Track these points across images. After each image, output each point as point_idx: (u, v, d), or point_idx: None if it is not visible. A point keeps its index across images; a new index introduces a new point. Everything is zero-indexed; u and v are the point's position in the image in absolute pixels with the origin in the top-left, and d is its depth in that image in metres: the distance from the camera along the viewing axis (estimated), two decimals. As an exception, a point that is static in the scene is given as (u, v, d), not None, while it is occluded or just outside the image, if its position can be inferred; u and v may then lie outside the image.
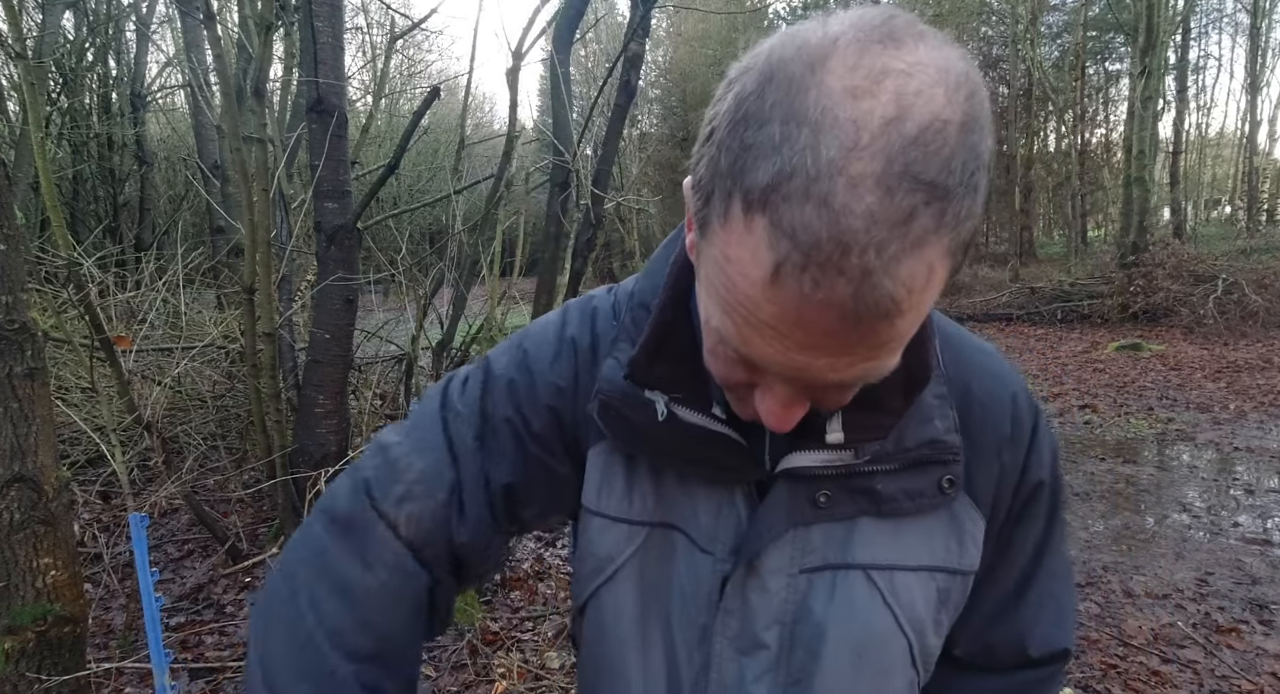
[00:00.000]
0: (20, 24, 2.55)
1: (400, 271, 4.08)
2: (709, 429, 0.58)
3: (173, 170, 10.24)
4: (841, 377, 0.45)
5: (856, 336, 0.41)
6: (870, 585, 0.60)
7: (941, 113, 0.38)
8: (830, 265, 0.38)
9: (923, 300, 0.42)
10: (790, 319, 0.41)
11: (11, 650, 1.63)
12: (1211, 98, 38.83)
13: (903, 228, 0.38)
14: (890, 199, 0.37)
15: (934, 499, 0.60)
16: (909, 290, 0.39)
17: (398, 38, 5.49)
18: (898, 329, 0.42)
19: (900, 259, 0.38)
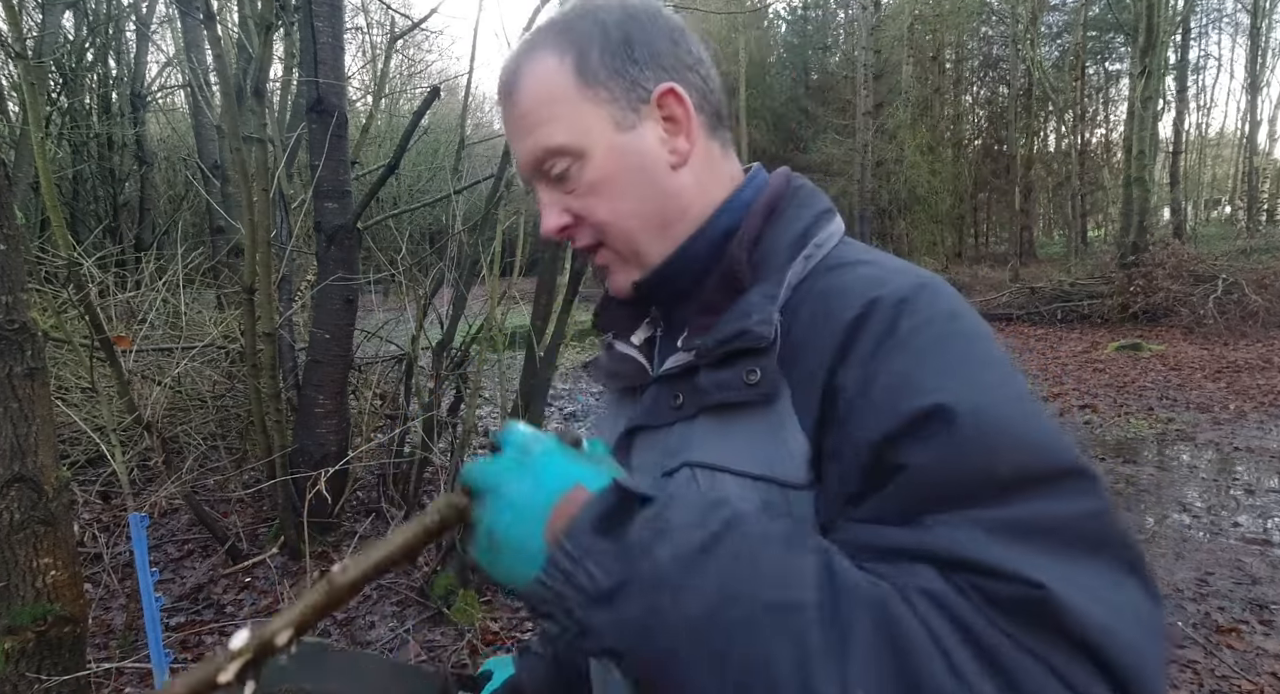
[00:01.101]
0: (20, 24, 2.55)
1: (400, 271, 4.07)
2: (623, 352, 0.74)
3: (173, 170, 10.24)
4: (523, 153, 0.67)
5: (509, 113, 0.67)
6: (692, 482, 0.62)
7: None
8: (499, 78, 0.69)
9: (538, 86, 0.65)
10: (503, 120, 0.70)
11: (11, 650, 1.63)
12: (1211, 98, 38.86)
13: (524, 46, 0.68)
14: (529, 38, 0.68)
15: (742, 392, 0.59)
16: (519, 75, 0.66)
17: (398, 38, 5.49)
18: (524, 103, 0.66)
19: (519, 62, 0.67)
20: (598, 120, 0.65)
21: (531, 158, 0.66)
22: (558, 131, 0.64)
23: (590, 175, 0.65)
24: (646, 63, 0.66)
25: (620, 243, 0.68)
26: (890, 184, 18.76)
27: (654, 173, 0.66)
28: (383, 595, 3.19)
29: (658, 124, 0.66)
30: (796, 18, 26.23)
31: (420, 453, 3.64)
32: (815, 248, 0.64)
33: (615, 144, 0.65)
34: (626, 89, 0.65)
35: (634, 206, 0.66)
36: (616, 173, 0.65)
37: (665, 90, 0.66)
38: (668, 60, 0.67)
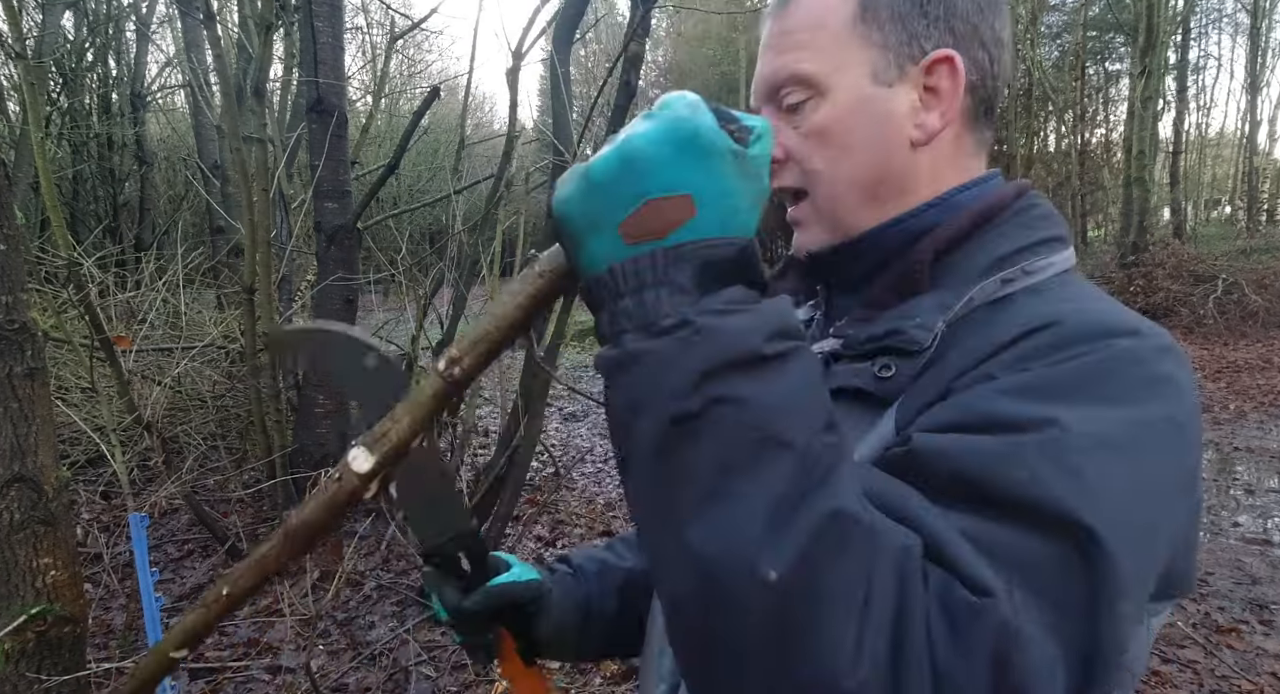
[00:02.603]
0: (20, 24, 2.55)
1: (400, 271, 4.08)
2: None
3: (173, 170, 10.24)
4: (765, 71, 0.61)
5: (774, 27, 0.61)
6: None
7: None
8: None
9: (815, 6, 0.59)
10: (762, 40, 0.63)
11: (11, 650, 1.63)
12: (1211, 98, 38.80)
13: None
14: None
15: (867, 382, 0.55)
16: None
17: (398, 38, 5.49)
18: (791, 20, 0.59)
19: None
20: (857, 63, 0.58)
21: (772, 78, 0.60)
22: (810, 59, 0.58)
23: (821, 118, 0.58)
24: (937, 20, 0.58)
25: (824, 200, 0.61)
26: (890, 184, 18.72)
27: (889, 140, 0.59)
28: (383, 595, 3.19)
29: (917, 90, 0.59)
30: (796, 18, 26.26)
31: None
32: (1022, 274, 0.56)
33: (862, 94, 0.58)
34: (903, 41, 0.58)
35: (852, 169, 0.59)
36: (849, 125, 0.58)
37: (942, 56, 0.58)
38: (962, 27, 0.59)
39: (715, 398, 0.40)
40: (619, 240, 0.43)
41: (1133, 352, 0.47)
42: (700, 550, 0.39)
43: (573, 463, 5.09)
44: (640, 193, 0.43)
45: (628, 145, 0.43)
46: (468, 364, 0.48)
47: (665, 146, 0.43)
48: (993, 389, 0.47)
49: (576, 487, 4.80)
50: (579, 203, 0.45)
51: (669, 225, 0.43)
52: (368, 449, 0.48)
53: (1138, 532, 0.43)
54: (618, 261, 0.43)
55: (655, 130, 0.43)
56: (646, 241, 0.43)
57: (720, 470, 0.39)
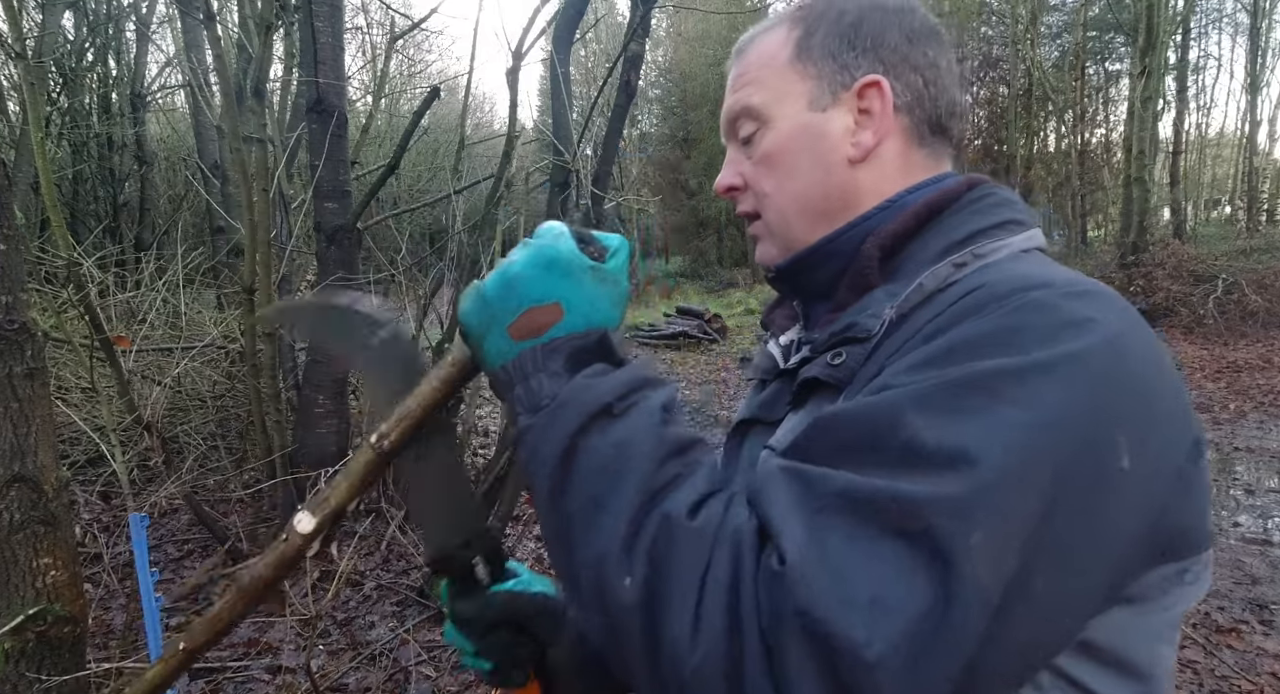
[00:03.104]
0: (20, 24, 2.55)
1: (400, 271, 4.07)
2: (767, 349, 0.75)
3: (173, 170, 10.24)
4: (729, 107, 0.69)
5: (734, 67, 0.70)
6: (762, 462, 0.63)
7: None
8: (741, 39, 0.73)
9: (761, 52, 0.68)
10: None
11: (11, 650, 1.63)
12: (1211, 98, 38.83)
13: (773, 18, 0.69)
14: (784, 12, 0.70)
15: (823, 371, 0.58)
16: (754, 44, 0.69)
17: (398, 38, 5.49)
18: (742, 66, 0.69)
19: (758, 32, 0.70)
20: (795, 94, 0.65)
21: (729, 114, 0.69)
22: (756, 93, 0.67)
23: (767, 145, 0.66)
24: (865, 51, 0.65)
25: (774, 218, 0.68)
26: (890, 184, 18.70)
27: (827, 160, 0.65)
28: (383, 595, 3.19)
29: (852, 113, 0.65)
30: (796, 18, 26.22)
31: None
32: (973, 257, 0.58)
33: (800, 121, 0.65)
34: (834, 70, 0.65)
35: (797, 188, 0.66)
36: (790, 150, 0.66)
37: (869, 82, 0.64)
38: (891, 55, 0.65)
39: (579, 448, 0.50)
40: (508, 339, 0.55)
41: (1042, 300, 0.48)
42: (585, 572, 0.48)
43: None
44: (519, 304, 0.54)
45: (508, 270, 0.56)
46: (394, 438, 0.57)
47: (534, 268, 0.55)
48: (909, 358, 0.49)
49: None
50: (475, 313, 0.57)
51: (543, 326, 0.54)
52: (310, 512, 0.56)
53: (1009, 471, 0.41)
54: (508, 358, 0.55)
55: (527, 256, 0.56)
56: (529, 339, 0.54)
57: (589, 504, 0.48)
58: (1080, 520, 0.43)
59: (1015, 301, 0.48)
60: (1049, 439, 0.43)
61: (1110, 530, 0.44)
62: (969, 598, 0.39)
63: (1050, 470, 0.42)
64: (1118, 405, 0.45)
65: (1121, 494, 0.44)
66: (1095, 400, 0.44)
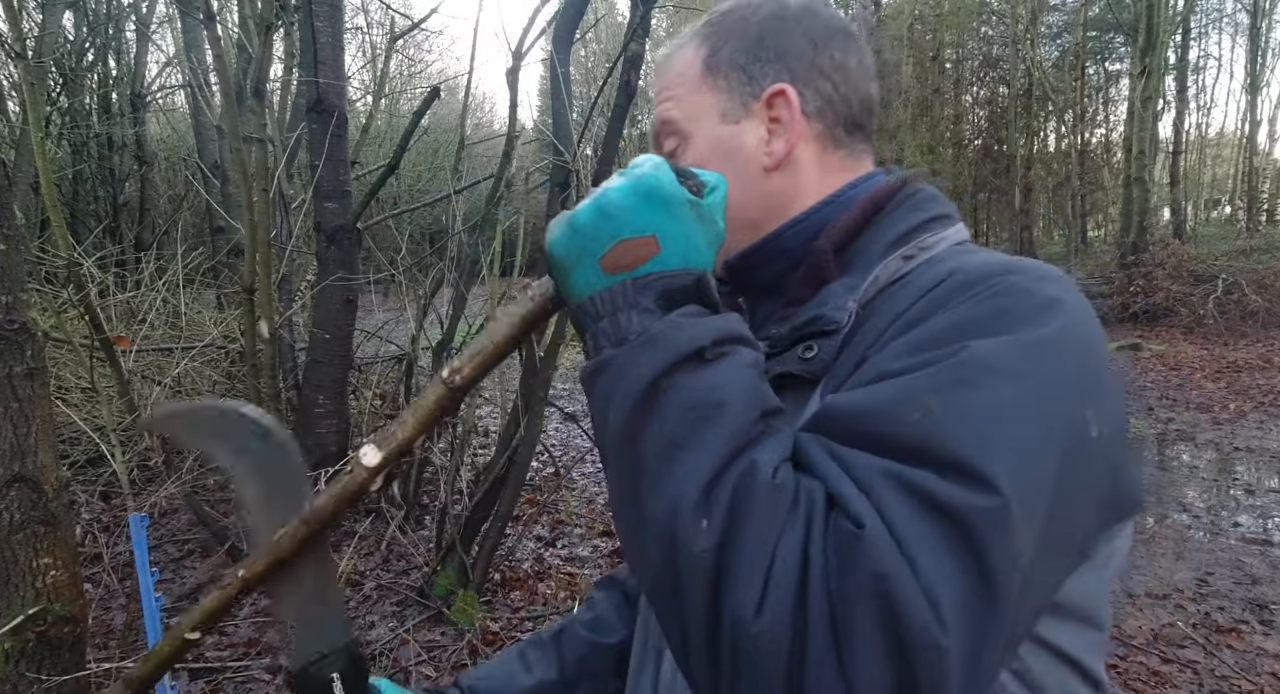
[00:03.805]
0: (20, 24, 2.55)
1: (400, 271, 4.08)
2: None
3: (173, 170, 10.24)
4: (653, 122, 0.72)
5: (656, 84, 0.72)
6: None
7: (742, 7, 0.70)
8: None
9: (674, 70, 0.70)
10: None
11: (11, 650, 1.63)
12: (1211, 98, 38.87)
13: (687, 34, 0.72)
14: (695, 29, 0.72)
15: (794, 365, 0.59)
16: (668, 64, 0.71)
17: (398, 38, 5.49)
18: (660, 83, 0.71)
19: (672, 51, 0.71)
20: (706, 108, 0.68)
21: (654, 128, 0.72)
22: (674, 109, 0.69)
23: (689, 159, 0.68)
24: (771, 61, 0.67)
25: None
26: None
27: (744, 171, 0.66)
28: (383, 595, 3.19)
29: (763, 123, 0.67)
30: (796, 18, 26.23)
31: (420, 453, 3.64)
32: (919, 250, 0.61)
33: (713, 134, 0.68)
34: (742, 82, 0.67)
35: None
36: (709, 163, 0.66)
37: (775, 91, 0.66)
38: (796, 63, 0.67)
39: (664, 388, 0.48)
40: (599, 271, 0.52)
41: (1017, 284, 0.52)
42: (655, 516, 0.46)
43: (573, 463, 5.09)
44: (614, 234, 0.52)
45: (603, 197, 0.53)
46: (467, 373, 0.54)
47: (633, 197, 0.52)
48: (900, 344, 0.52)
49: (576, 486, 4.80)
50: (565, 243, 0.54)
51: (639, 260, 0.51)
52: (376, 446, 0.54)
53: (1029, 462, 0.45)
54: (596, 290, 0.52)
55: (625, 185, 0.52)
56: (621, 273, 0.52)
57: (668, 446, 0.46)
58: (1072, 493, 0.47)
59: (994, 286, 0.52)
60: (1048, 413, 0.46)
61: (1090, 496, 0.49)
62: (1009, 591, 0.42)
63: (1056, 452, 0.46)
64: (1089, 378, 0.50)
65: (1096, 461, 0.49)
66: (1075, 375, 0.49)
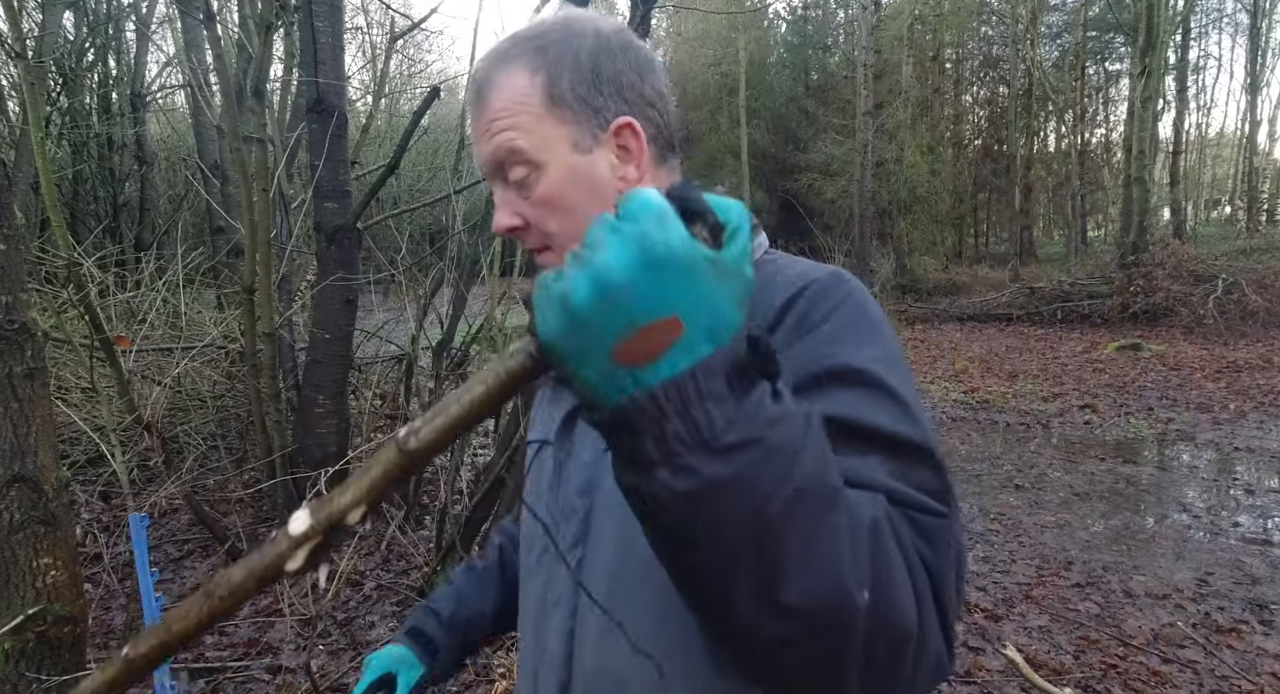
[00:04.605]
0: (20, 24, 2.55)
1: (400, 271, 4.08)
2: None
3: (173, 170, 10.23)
4: (485, 152, 0.72)
5: (476, 115, 0.73)
6: None
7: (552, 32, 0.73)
8: (470, 80, 0.75)
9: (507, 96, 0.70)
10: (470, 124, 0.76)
11: (11, 650, 1.63)
12: (1211, 98, 38.95)
13: (497, 54, 0.73)
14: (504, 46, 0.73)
15: None
16: (490, 81, 0.71)
17: (398, 38, 5.49)
18: (492, 107, 0.71)
19: (492, 70, 0.72)
20: (558, 139, 0.70)
21: (494, 158, 0.72)
22: (521, 138, 0.70)
23: (545, 189, 0.70)
24: (611, 95, 0.71)
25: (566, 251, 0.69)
26: (890, 184, 18.76)
27: (602, 195, 0.71)
28: (383, 595, 3.19)
29: (611, 152, 0.72)
30: (796, 18, 26.23)
31: (420, 453, 3.63)
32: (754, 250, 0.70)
33: (570, 163, 0.70)
34: (589, 114, 0.71)
35: (582, 223, 0.68)
36: (569, 191, 0.70)
37: (623, 124, 0.71)
38: (630, 94, 0.72)
39: (795, 491, 0.45)
40: (615, 365, 0.43)
41: (857, 296, 0.66)
42: (804, 603, 0.45)
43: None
44: (628, 323, 0.42)
45: (604, 275, 0.41)
46: (426, 436, 0.45)
47: (641, 273, 0.41)
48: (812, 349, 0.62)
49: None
50: (564, 336, 0.43)
51: (661, 346, 0.43)
52: (309, 511, 0.45)
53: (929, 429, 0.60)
54: (630, 390, 0.43)
55: (629, 256, 0.42)
56: (645, 364, 0.43)
57: (803, 545, 0.45)
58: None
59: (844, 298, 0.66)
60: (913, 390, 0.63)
61: None
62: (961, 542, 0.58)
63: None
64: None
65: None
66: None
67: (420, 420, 0.45)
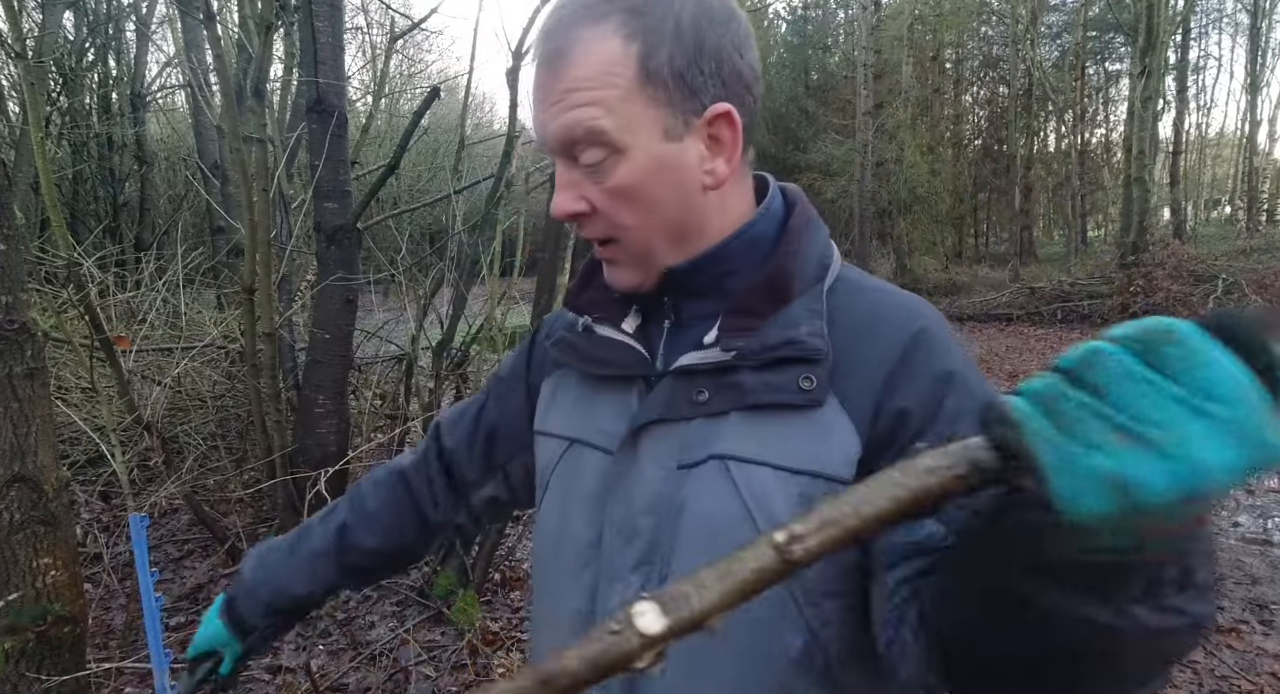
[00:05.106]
0: (20, 24, 2.55)
1: (400, 271, 4.07)
2: (614, 338, 0.73)
3: (173, 170, 10.23)
4: (555, 126, 0.62)
5: (550, 79, 0.62)
6: (725, 475, 0.63)
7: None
8: (541, 31, 0.63)
9: (595, 63, 0.60)
10: (532, 83, 0.65)
11: (11, 650, 1.63)
12: (1211, 98, 38.96)
13: (582, 7, 0.61)
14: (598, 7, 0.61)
15: (794, 396, 0.63)
16: (574, 43, 0.60)
17: (398, 38, 5.49)
18: (573, 74, 0.61)
19: (574, 24, 0.61)
20: (648, 122, 0.61)
21: (566, 134, 0.62)
22: (603, 117, 0.61)
23: (624, 177, 0.63)
24: (711, 74, 0.62)
25: (635, 247, 0.68)
26: (890, 184, 18.76)
27: (686, 190, 0.65)
28: (383, 595, 3.19)
29: (701, 141, 0.64)
30: (796, 18, 26.22)
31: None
32: (832, 267, 0.70)
33: (657, 152, 0.62)
34: (685, 96, 0.62)
35: (658, 220, 0.66)
36: (651, 182, 0.63)
37: (722, 111, 0.63)
38: (729, 74, 0.64)
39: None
40: (1141, 532, 0.37)
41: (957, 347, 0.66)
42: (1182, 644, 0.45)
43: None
44: (1192, 515, 0.36)
45: (1195, 480, 0.34)
46: (812, 546, 0.40)
47: (1241, 476, 0.34)
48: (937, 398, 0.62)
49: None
50: (1105, 519, 0.35)
51: (1205, 522, 0.40)
52: (660, 608, 0.39)
53: None
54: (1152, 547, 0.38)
55: (1229, 456, 0.33)
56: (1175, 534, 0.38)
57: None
58: None
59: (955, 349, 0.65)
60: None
61: None
62: None
63: None
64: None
65: None
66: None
67: (804, 523, 0.40)
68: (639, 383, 0.71)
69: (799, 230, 0.69)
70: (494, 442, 0.89)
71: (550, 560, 0.76)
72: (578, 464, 0.74)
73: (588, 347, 0.74)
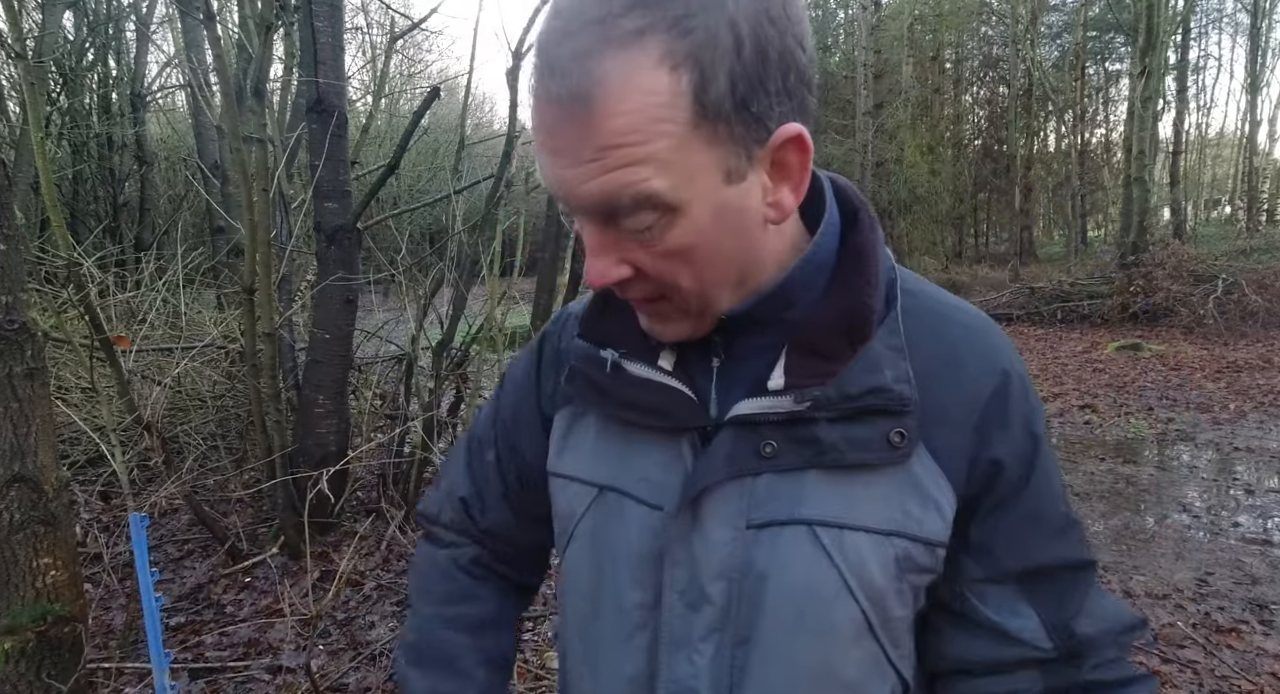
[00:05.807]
0: (20, 24, 2.55)
1: (400, 271, 4.07)
2: (652, 380, 0.61)
3: (173, 170, 10.24)
4: (590, 189, 0.48)
5: (572, 130, 0.46)
6: (815, 542, 0.56)
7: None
8: (543, 58, 0.46)
9: (637, 110, 0.45)
10: (537, 124, 0.48)
11: (11, 650, 1.63)
12: (1211, 98, 39.00)
13: (599, 25, 0.44)
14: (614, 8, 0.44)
15: (882, 452, 0.55)
16: (604, 83, 0.44)
17: (398, 38, 5.49)
18: (609, 126, 0.45)
19: (593, 53, 0.44)
20: (705, 167, 0.48)
21: (606, 202, 0.49)
22: (656, 177, 0.47)
23: (681, 237, 0.51)
24: (776, 91, 0.48)
25: (694, 304, 0.57)
26: (890, 184, 18.77)
27: (749, 231, 0.53)
28: (383, 595, 3.19)
29: (765, 170, 0.51)
30: (796, 18, 26.21)
31: (420, 453, 3.64)
32: (897, 283, 0.61)
33: (719, 201, 0.50)
34: (749, 125, 0.48)
35: (720, 273, 0.55)
36: (711, 236, 0.51)
37: (792, 135, 0.50)
38: (797, 84, 0.50)
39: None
40: None
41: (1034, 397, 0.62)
42: None
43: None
44: None
45: None
46: None
47: None
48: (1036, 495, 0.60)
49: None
50: None
51: None
52: None
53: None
54: None
55: None
56: None
57: None
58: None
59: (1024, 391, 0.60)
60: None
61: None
62: None
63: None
64: None
65: None
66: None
67: None
68: (691, 433, 0.61)
69: (870, 251, 0.59)
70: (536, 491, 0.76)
71: (588, 618, 0.67)
72: (614, 516, 0.64)
73: (618, 389, 0.62)
